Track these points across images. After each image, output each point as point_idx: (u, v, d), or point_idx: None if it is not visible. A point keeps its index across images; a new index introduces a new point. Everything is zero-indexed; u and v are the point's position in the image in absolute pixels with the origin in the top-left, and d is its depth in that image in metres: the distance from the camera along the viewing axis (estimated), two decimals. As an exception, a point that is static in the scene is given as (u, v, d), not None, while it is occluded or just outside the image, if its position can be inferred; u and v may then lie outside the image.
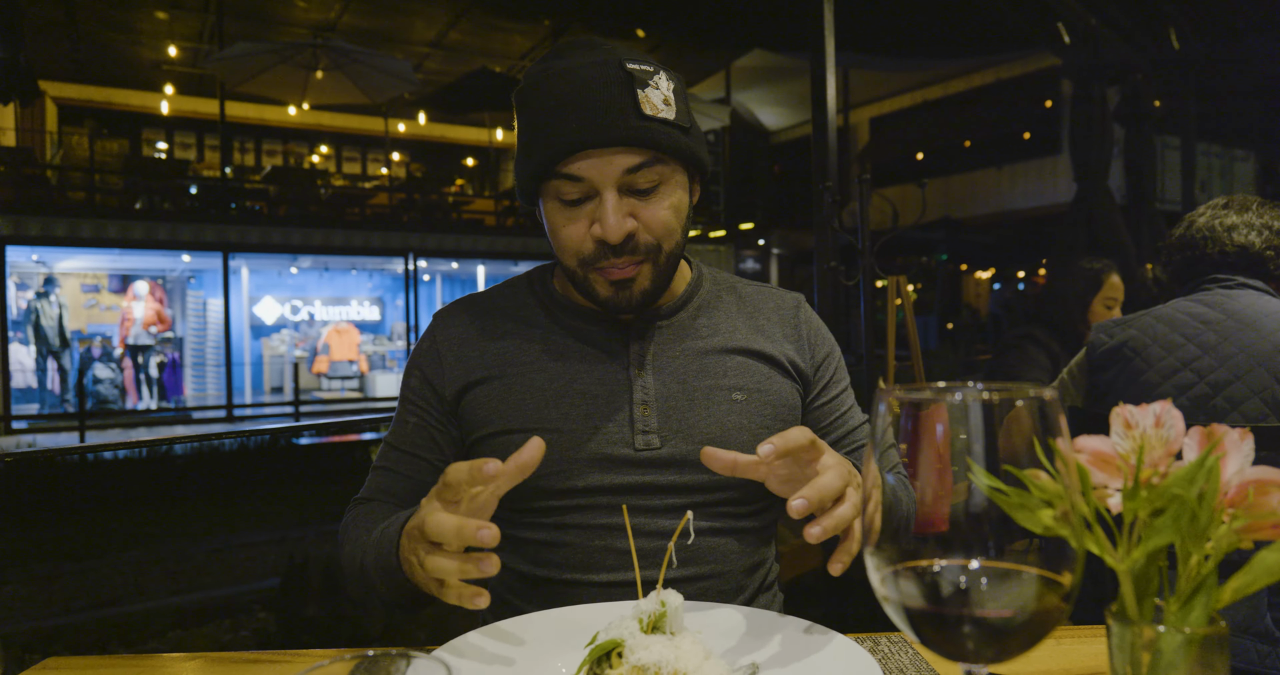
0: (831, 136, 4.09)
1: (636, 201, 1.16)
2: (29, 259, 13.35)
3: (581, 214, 1.17)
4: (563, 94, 1.13)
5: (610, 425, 1.22)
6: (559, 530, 1.22)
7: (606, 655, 0.82)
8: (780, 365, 1.30)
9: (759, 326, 1.33)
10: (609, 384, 1.24)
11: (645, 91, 1.13)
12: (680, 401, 1.24)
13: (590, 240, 1.17)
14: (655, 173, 1.15)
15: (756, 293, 1.40)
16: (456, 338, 1.31)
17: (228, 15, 12.15)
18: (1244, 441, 0.62)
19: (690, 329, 1.30)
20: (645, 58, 1.18)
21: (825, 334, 1.39)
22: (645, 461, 1.21)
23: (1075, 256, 5.26)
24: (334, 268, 16.25)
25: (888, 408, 0.55)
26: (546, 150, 1.13)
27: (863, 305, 3.76)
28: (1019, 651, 0.53)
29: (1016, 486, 0.52)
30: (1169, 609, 0.61)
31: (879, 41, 11.51)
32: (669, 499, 1.21)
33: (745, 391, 1.27)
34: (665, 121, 1.14)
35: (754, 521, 1.28)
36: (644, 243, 1.17)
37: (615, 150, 1.12)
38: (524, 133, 1.20)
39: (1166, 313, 2.06)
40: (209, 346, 14.94)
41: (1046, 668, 0.87)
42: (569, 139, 1.12)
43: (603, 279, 1.19)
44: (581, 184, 1.14)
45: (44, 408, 12.88)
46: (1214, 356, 1.93)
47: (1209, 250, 2.10)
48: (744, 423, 1.24)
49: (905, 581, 0.54)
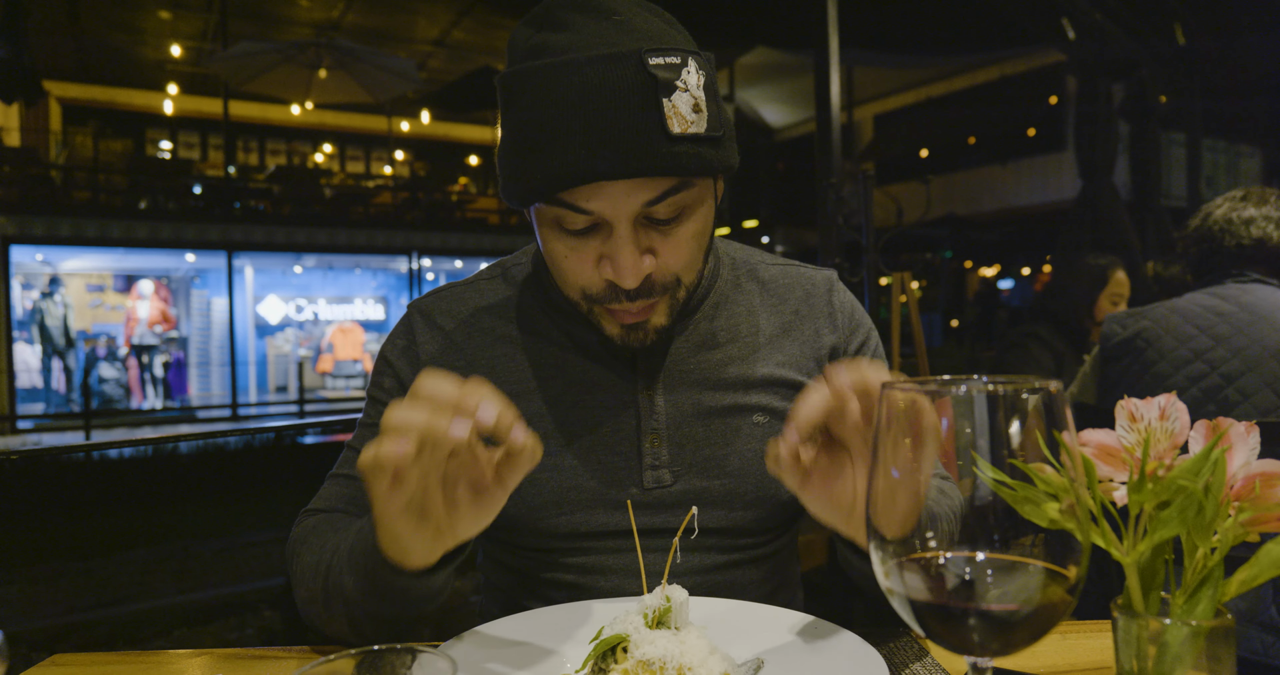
0: (835, 134, 4.09)
1: (655, 234, 0.97)
2: (34, 259, 13.39)
3: (587, 247, 0.97)
4: (567, 99, 0.90)
5: (616, 459, 1.08)
6: (560, 570, 1.11)
7: (611, 650, 0.82)
8: (810, 374, 1.15)
9: (786, 323, 1.17)
10: (614, 408, 1.09)
11: (673, 99, 0.90)
12: (695, 429, 1.09)
13: (599, 280, 0.98)
14: (680, 199, 0.96)
15: (782, 275, 1.21)
16: (438, 340, 1.14)
17: (231, 15, 12.16)
18: (1250, 435, 0.61)
19: (707, 335, 1.13)
20: (669, 36, 0.95)
21: (861, 316, 1.22)
22: (654, 501, 1.08)
23: (1080, 253, 5.25)
24: (338, 267, 16.28)
25: (891, 402, 0.55)
26: (546, 174, 0.91)
27: (867, 303, 3.76)
28: (1024, 645, 0.53)
29: (1022, 480, 0.52)
30: (1175, 602, 0.61)
31: (883, 38, 11.48)
32: (682, 540, 1.08)
33: (768, 412, 1.12)
34: (696, 138, 0.92)
35: (772, 548, 1.17)
36: (661, 282, 0.99)
37: (636, 183, 0.92)
38: (515, 136, 0.95)
39: (1180, 305, 2.07)
40: (213, 346, 14.98)
41: (1052, 662, 0.87)
42: (576, 166, 0.90)
43: (612, 319, 1.03)
44: (589, 216, 0.94)
45: (49, 407, 12.93)
46: (1227, 348, 1.93)
47: (1226, 243, 2.10)
48: (765, 450, 1.07)
49: (910, 574, 0.54)
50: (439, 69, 14.84)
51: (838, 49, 4.13)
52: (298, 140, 17.88)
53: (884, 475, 0.55)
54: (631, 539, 1.09)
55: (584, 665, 0.83)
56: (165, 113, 15.24)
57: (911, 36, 12.21)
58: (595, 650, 0.82)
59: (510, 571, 1.17)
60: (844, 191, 3.92)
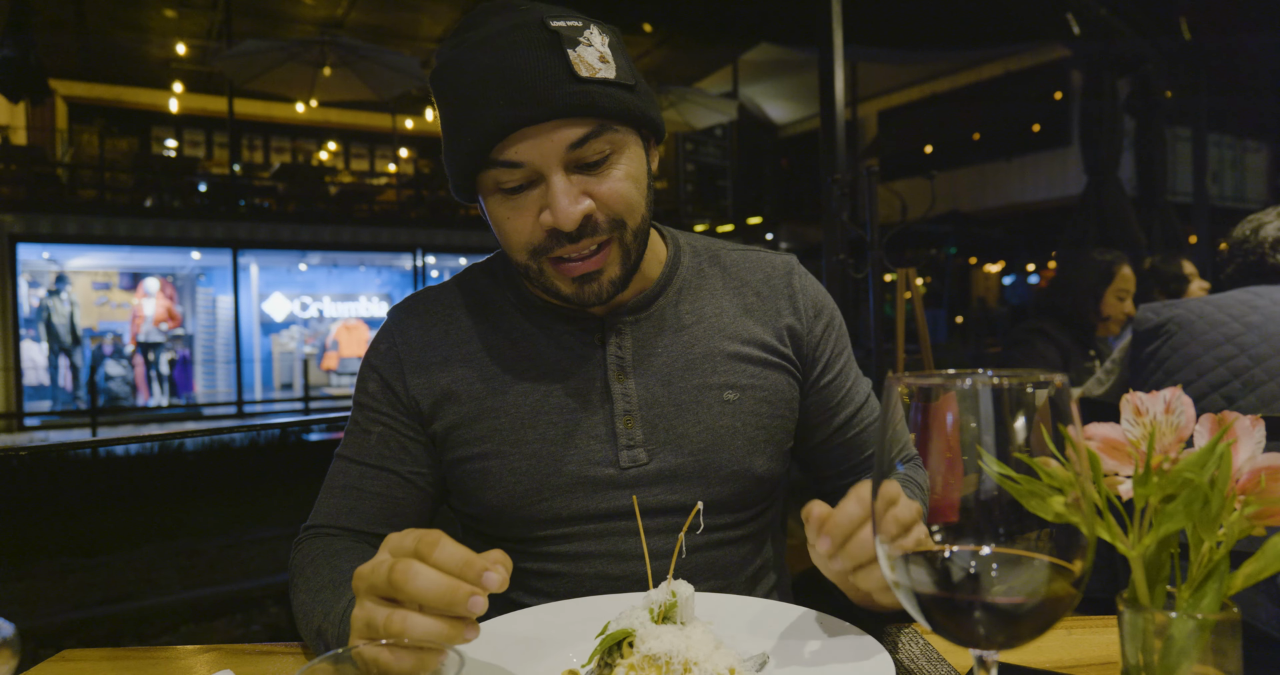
0: (840, 130, 4.08)
1: (588, 178, 1.01)
2: (40, 257, 13.43)
3: (527, 202, 1.02)
4: (483, 67, 0.98)
5: (591, 442, 1.11)
6: (545, 559, 1.13)
7: (617, 645, 0.82)
8: (775, 351, 1.18)
9: (748, 305, 1.20)
10: (586, 394, 1.12)
11: (577, 50, 0.98)
12: (666, 408, 1.12)
13: (540, 230, 1.02)
14: (604, 142, 1.00)
15: (743, 260, 1.24)
16: (417, 341, 1.16)
17: (236, 13, 12.17)
18: (1256, 428, 0.61)
19: (672, 319, 1.17)
20: (569, 12, 1.03)
21: (824, 300, 1.25)
22: (632, 480, 1.11)
23: (1086, 249, 5.24)
24: (342, 264, 16.30)
25: (897, 395, 0.55)
26: (475, 136, 0.99)
27: (871, 299, 3.75)
28: (1029, 638, 0.53)
29: (1027, 473, 0.52)
30: (1181, 595, 0.61)
31: (887, 34, 11.46)
32: (659, 519, 1.11)
33: (737, 389, 1.15)
34: (606, 82, 0.99)
35: (753, 526, 1.20)
36: (604, 221, 1.03)
37: (554, 124, 0.97)
38: (447, 121, 1.04)
39: (1215, 297, 2.08)
40: (219, 343, 15.02)
41: (1058, 656, 0.87)
42: (498, 120, 0.97)
43: (563, 276, 1.05)
44: (523, 169, 1.00)
45: (56, 405, 12.98)
46: (1257, 334, 1.94)
47: (1276, 260, 2.10)
48: (737, 425, 1.14)
49: (916, 567, 0.54)
50: (443, 66, 14.82)
51: (842, 45, 4.12)
52: (302, 138, 17.89)
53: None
54: (612, 523, 1.12)
55: (590, 660, 0.83)
56: (170, 111, 15.25)
57: (916, 32, 12.19)
58: (601, 645, 0.82)
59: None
60: (848, 188, 3.91)
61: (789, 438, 1.21)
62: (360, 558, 0.98)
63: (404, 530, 0.78)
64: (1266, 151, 17.36)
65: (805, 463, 1.31)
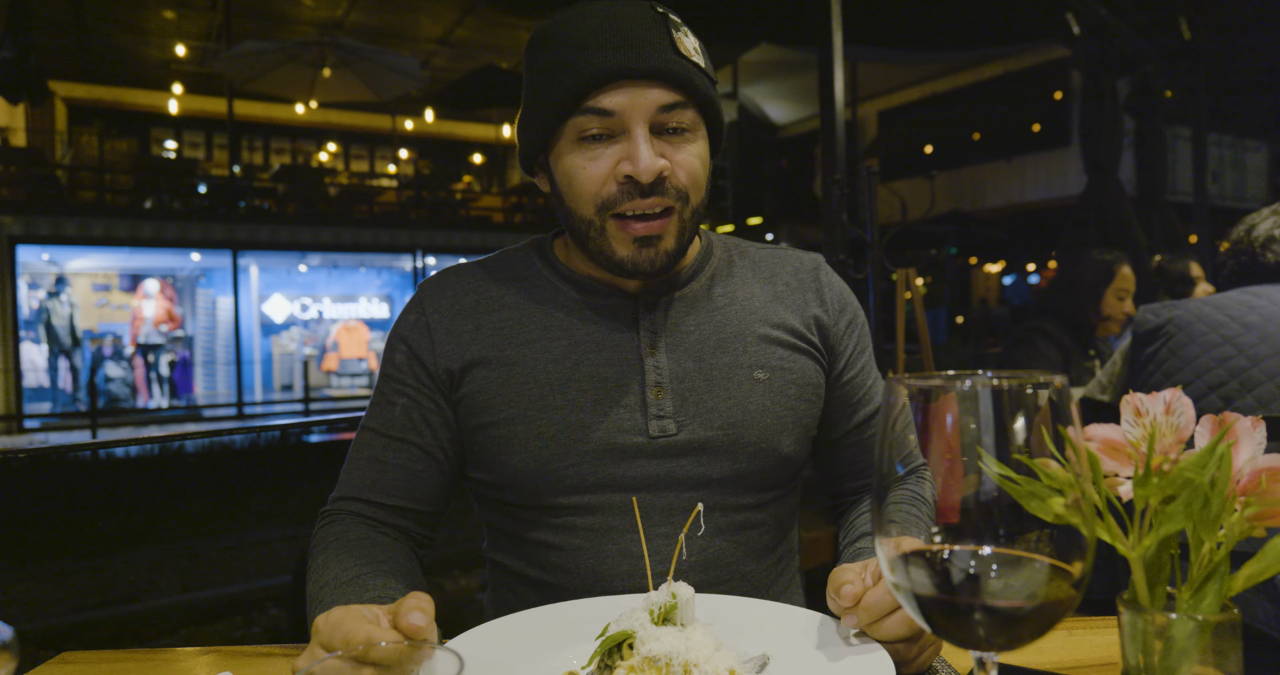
0: (839, 130, 4.08)
1: (666, 145, 1.06)
2: (40, 258, 13.44)
3: (605, 153, 1.06)
4: (592, 28, 1.04)
5: (621, 411, 1.11)
6: (568, 532, 1.12)
7: (618, 646, 0.82)
8: (804, 337, 1.20)
9: (778, 293, 1.23)
10: (619, 365, 1.13)
11: (679, 34, 1.06)
12: (697, 382, 1.13)
13: (614, 181, 1.06)
14: (687, 116, 1.06)
15: (771, 256, 1.28)
16: (448, 309, 1.17)
17: (235, 14, 12.17)
18: (1256, 429, 0.61)
19: (705, 300, 1.19)
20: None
21: (849, 298, 1.28)
22: (660, 450, 1.11)
23: (1086, 249, 5.24)
24: (343, 265, 16.31)
25: (898, 396, 0.55)
26: (576, 79, 1.03)
27: (872, 299, 3.75)
28: (1030, 639, 0.53)
29: (1027, 474, 0.52)
30: (1181, 596, 0.61)
31: (887, 34, 11.46)
32: (686, 493, 1.12)
33: (767, 370, 1.16)
34: (700, 67, 1.07)
35: (774, 510, 1.20)
36: (675, 186, 1.07)
37: (652, 83, 1.03)
38: (543, 68, 1.08)
39: (1213, 298, 2.08)
40: (219, 345, 15.02)
41: (1058, 657, 0.87)
42: (604, 63, 1.02)
43: (624, 234, 1.07)
44: (610, 120, 1.04)
45: (56, 406, 12.98)
46: (1255, 334, 1.93)
47: (1267, 259, 2.09)
48: (766, 404, 1.15)
49: (916, 568, 0.54)
50: (443, 67, 14.84)
51: (842, 45, 4.12)
52: (302, 139, 17.90)
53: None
54: (639, 494, 1.11)
55: (590, 661, 0.83)
56: (170, 112, 15.26)
57: (916, 32, 12.19)
58: (601, 646, 0.82)
59: (515, 540, 1.18)
60: (848, 188, 3.92)
61: (814, 423, 1.22)
62: (367, 554, 1.04)
63: (333, 626, 0.75)
64: (1266, 151, 17.37)
65: (819, 461, 1.32)
